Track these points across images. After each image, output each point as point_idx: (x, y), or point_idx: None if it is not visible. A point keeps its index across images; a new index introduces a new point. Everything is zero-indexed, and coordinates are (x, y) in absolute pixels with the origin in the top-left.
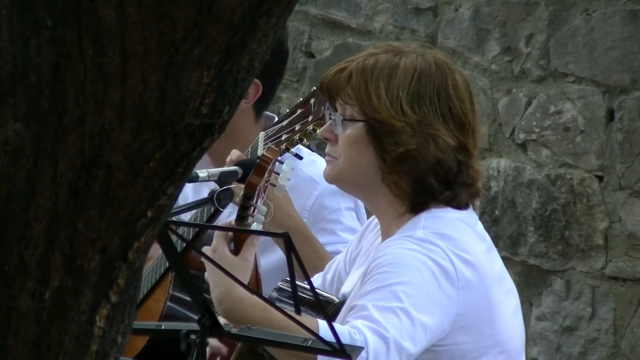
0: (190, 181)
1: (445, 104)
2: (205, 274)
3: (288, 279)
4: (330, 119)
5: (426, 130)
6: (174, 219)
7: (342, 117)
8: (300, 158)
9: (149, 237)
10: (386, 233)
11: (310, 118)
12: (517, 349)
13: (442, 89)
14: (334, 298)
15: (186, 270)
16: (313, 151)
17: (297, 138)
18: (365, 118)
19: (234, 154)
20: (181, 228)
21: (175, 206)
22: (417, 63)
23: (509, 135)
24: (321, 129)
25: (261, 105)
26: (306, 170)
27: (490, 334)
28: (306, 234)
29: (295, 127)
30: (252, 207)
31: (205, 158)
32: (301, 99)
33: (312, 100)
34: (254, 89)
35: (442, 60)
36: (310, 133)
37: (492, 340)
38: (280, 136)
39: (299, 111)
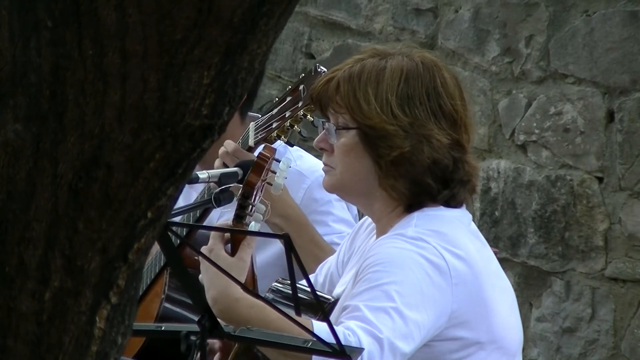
0: (190, 182)
1: (436, 102)
2: (200, 275)
3: (282, 278)
4: (323, 129)
5: (419, 131)
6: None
7: (334, 127)
8: (292, 145)
9: (149, 237)
10: (381, 234)
11: (300, 104)
12: (514, 346)
13: (431, 88)
14: (329, 297)
15: (186, 270)
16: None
17: (288, 124)
18: (357, 125)
19: (229, 145)
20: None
21: (175, 207)
22: (403, 64)
23: (509, 136)
24: (316, 139)
25: (246, 106)
26: (294, 165)
27: (486, 330)
28: (305, 222)
29: (285, 114)
30: (251, 206)
31: None
32: (289, 87)
33: (301, 87)
34: None
35: (429, 59)
36: (301, 119)
37: (488, 336)
38: (271, 124)
39: (288, 99)
